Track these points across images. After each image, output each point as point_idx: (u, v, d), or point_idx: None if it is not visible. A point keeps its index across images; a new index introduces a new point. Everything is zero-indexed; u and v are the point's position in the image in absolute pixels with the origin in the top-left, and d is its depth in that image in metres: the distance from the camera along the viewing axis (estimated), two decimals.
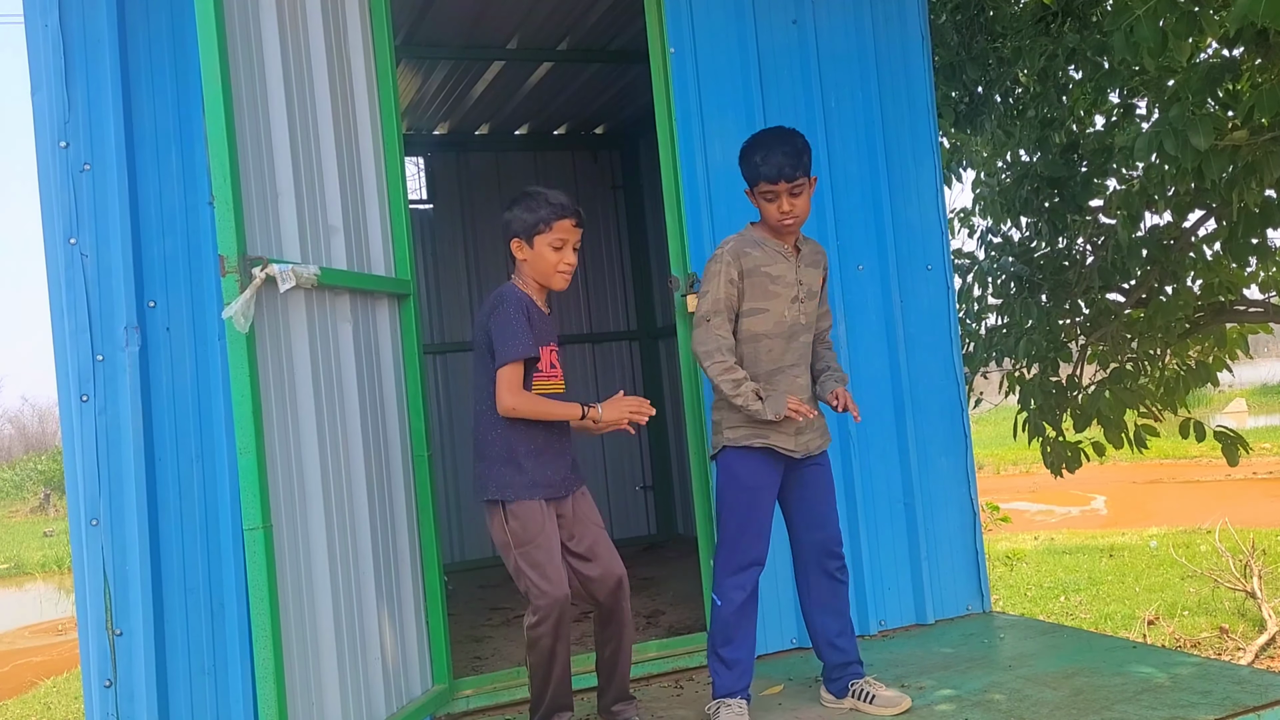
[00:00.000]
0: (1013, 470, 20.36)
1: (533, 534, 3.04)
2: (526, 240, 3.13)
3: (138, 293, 3.29)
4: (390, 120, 3.60)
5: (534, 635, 3.02)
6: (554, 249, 3.13)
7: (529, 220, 3.12)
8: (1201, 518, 12.29)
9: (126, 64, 3.33)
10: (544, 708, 3.15)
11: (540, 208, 3.11)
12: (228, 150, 2.66)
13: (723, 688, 3.28)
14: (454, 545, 6.90)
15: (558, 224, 3.12)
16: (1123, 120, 6.34)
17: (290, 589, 2.79)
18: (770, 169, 3.17)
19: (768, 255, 3.27)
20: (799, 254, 3.32)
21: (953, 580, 4.39)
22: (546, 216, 3.11)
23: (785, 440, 3.25)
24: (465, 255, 7.22)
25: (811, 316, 3.34)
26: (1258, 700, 3.09)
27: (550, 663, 3.06)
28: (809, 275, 3.33)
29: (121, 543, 3.20)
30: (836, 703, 3.37)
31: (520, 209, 3.14)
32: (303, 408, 2.97)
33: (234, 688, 3.32)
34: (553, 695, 3.13)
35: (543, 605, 2.99)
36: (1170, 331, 6.35)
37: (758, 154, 3.20)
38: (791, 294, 3.27)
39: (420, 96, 6.52)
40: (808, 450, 3.31)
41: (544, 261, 3.13)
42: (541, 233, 3.11)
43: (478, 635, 4.77)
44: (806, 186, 3.22)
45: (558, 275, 3.15)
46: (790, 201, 3.19)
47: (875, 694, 3.29)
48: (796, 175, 3.17)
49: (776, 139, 3.22)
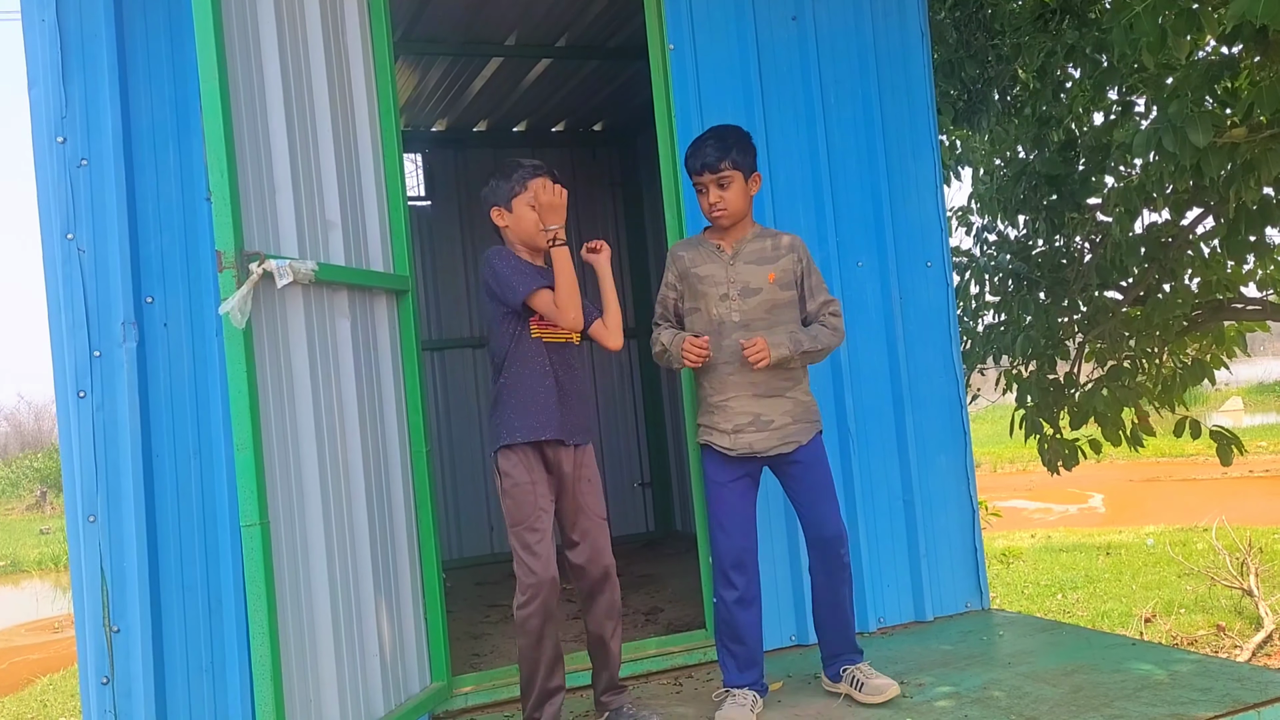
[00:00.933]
0: (1010, 468, 20.38)
1: (524, 514, 3.09)
2: (505, 206, 3.22)
3: (135, 288, 3.28)
4: (388, 116, 3.59)
5: (522, 616, 3.06)
6: (532, 207, 3.19)
7: (505, 186, 3.22)
8: (1198, 516, 12.30)
9: (124, 59, 3.32)
10: (535, 693, 3.15)
11: (514, 171, 3.22)
12: (225, 145, 2.65)
13: (729, 679, 3.34)
14: (452, 542, 6.90)
15: (532, 183, 3.19)
16: (1121, 118, 6.34)
17: (288, 585, 2.79)
18: (694, 161, 3.29)
19: (699, 255, 3.37)
20: (736, 252, 3.33)
21: (952, 577, 4.39)
22: (521, 178, 3.20)
23: (721, 438, 3.31)
24: (463, 252, 7.22)
25: (751, 314, 3.29)
26: (1258, 697, 3.08)
27: (539, 646, 3.08)
28: (748, 273, 3.30)
29: (119, 539, 3.19)
30: (833, 687, 3.44)
31: (495, 178, 3.25)
32: (300, 404, 2.96)
33: (232, 685, 3.31)
34: (543, 679, 3.14)
35: (530, 584, 3.04)
36: (1168, 329, 6.35)
37: (690, 148, 3.33)
38: (720, 292, 3.31)
39: (419, 93, 6.51)
40: (749, 449, 3.29)
41: (525, 222, 3.20)
42: (518, 194, 3.20)
43: (476, 632, 4.76)
44: (736, 179, 3.27)
45: (541, 234, 3.20)
46: (717, 193, 3.27)
47: (865, 681, 3.32)
48: (720, 166, 3.24)
49: (710, 133, 3.34)
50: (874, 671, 3.37)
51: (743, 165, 3.28)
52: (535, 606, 3.04)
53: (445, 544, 6.68)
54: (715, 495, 3.34)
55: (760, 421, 3.28)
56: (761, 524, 3.60)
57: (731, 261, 3.33)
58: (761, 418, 3.28)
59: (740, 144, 3.29)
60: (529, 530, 3.09)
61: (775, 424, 3.30)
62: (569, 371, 3.25)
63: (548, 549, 3.07)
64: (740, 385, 3.29)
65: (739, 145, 3.28)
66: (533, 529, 3.09)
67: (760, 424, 3.28)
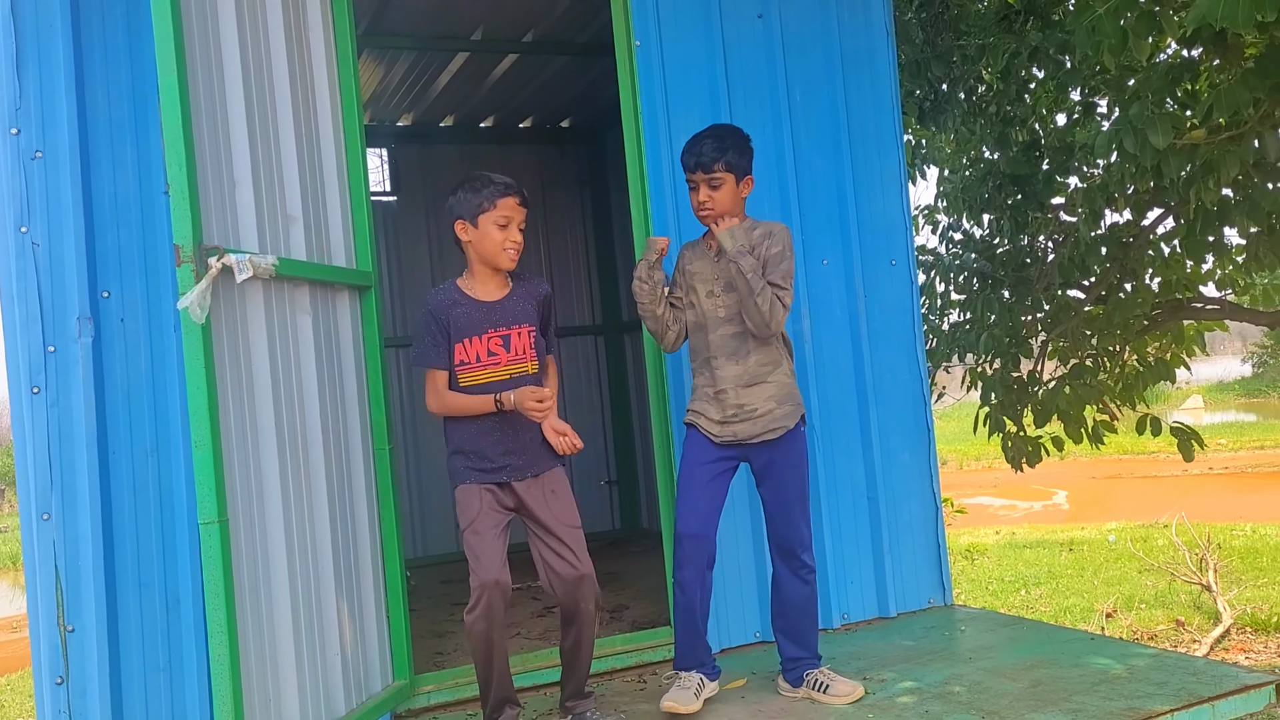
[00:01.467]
0: (975, 465, 20.57)
1: (470, 518, 3.09)
2: (471, 220, 3.16)
3: (91, 283, 3.23)
4: (351, 109, 3.56)
5: (469, 620, 3.04)
6: (499, 227, 3.14)
7: (473, 200, 3.15)
8: (1159, 512, 12.47)
9: (80, 50, 3.27)
10: (491, 700, 3.14)
11: (484, 187, 3.15)
12: (184, 138, 2.61)
13: (678, 662, 3.38)
14: (416, 540, 6.85)
15: (501, 201, 3.14)
16: (1084, 118, 6.41)
17: (247, 584, 2.76)
18: (689, 158, 3.29)
19: (695, 253, 3.43)
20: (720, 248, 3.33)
21: (915, 573, 4.42)
22: (490, 195, 3.14)
23: (710, 425, 3.35)
24: (428, 248, 7.17)
25: (733, 309, 3.31)
26: (1212, 691, 3.13)
27: (488, 649, 3.06)
28: (731, 269, 3.30)
29: (74, 537, 3.14)
30: (792, 691, 3.42)
31: (464, 191, 3.17)
32: (260, 400, 2.93)
33: (189, 685, 3.27)
34: (496, 685, 3.12)
35: (475, 588, 3.02)
36: (1129, 328, 6.42)
37: (686, 146, 3.33)
38: (707, 289, 3.35)
39: (384, 87, 6.46)
40: (734, 437, 3.32)
41: (490, 240, 3.15)
42: (486, 211, 3.14)
43: (439, 631, 4.74)
44: (728, 181, 3.28)
45: (504, 254, 3.16)
46: (707, 193, 3.29)
47: (829, 683, 3.32)
48: (713, 167, 3.25)
49: (708, 131, 3.34)
50: (837, 675, 3.37)
51: (736, 167, 3.29)
52: (479, 610, 3.01)
53: (409, 542, 6.65)
54: (685, 471, 3.36)
55: (745, 411, 3.33)
56: (728, 518, 3.60)
57: (717, 258, 3.36)
58: (746, 407, 3.33)
59: (737, 146, 3.30)
60: (473, 533, 3.08)
61: (759, 411, 3.33)
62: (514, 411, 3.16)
63: (490, 554, 3.04)
64: (728, 378, 3.33)
65: (736, 147, 3.29)
66: (476, 532, 3.07)
67: (745, 414, 3.33)
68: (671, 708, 3.21)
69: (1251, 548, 10.67)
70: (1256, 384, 33.04)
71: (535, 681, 3.74)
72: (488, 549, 3.05)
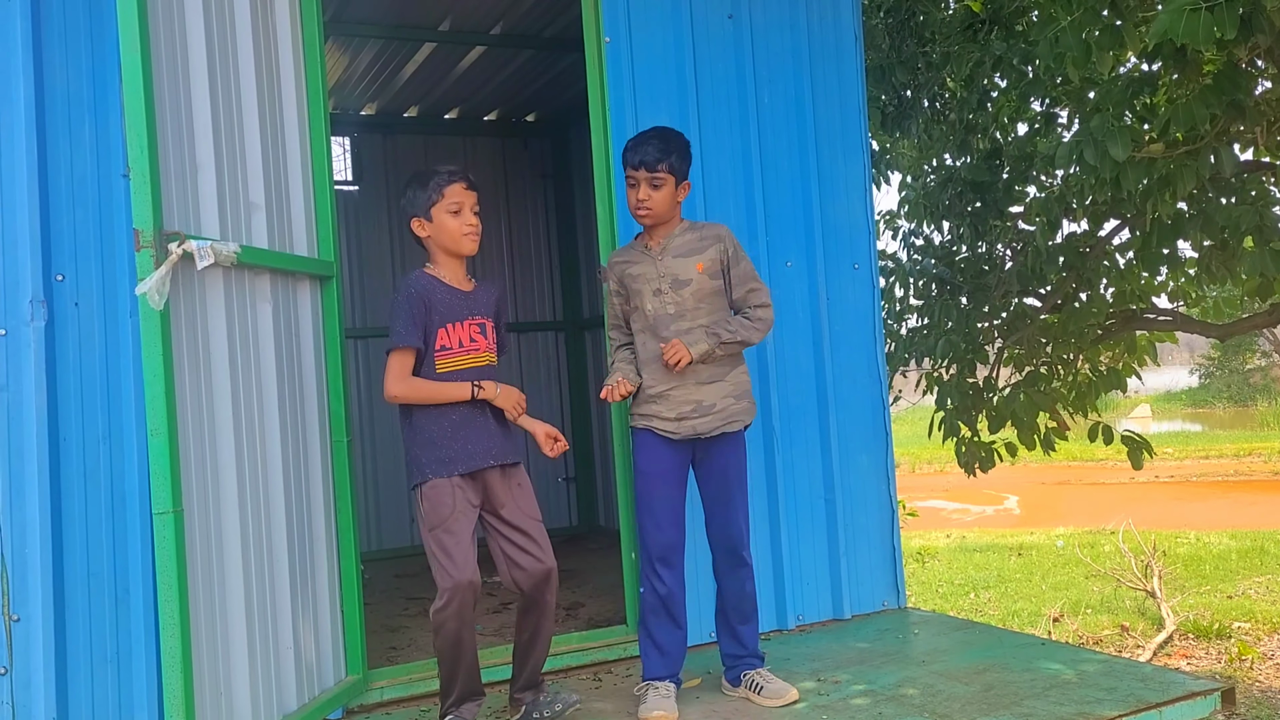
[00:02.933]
0: (928, 469, 20.78)
1: (443, 516, 3.04)
2: (424, 216, 3.15)
3: (44, 265, 3.15)
4: (316, 97, 3.51)
5: (439, 619, 3.01)
6: (452, 214, 3.14)
7: (422, 196, 3.15)
8: (1106, 519, 12.67)
9: (39, 26, 3.19)
10: (454, 695, 3.11)
11: (429, 179, 3.16)
12: (145, 121, 2.57)
13: (650, 671, 3.35)
14: (371, 533, 6.79)
15: (449, 189, 3.14)
16: (1045, 129, 6.48)
17: (200, 576, 2.71)
18: (634, 155, 3.31)
19: (632, 257, 3.43)
20: (664, 248, 3.38)
21: (870, 576, 4.45)
22: (437, 185, 3.14)
23: (665, 424, 3.34)
24: (390, 238, 7.10)
25: (685, 305, 3.33)
26: (1160, 697, 3.18)
27: (457, 648, 3.04)
28: (677, 266, 3.35)
29: (21, 525, 3.07)
30: (731, 691, 3.45)
31: (412, 189, 3.18)
32: (218, 389, 2.88)
33: (138, 677, 3.21)
34: (462, 682, 3.10)
35: (447, 588, 2.98)
36: (1083, 337, 6.52)
37: (630, 142, 3.35)
38: (653, 288, 3.36)
39: (349, 75, 6.38)
40: (694, 432, 3.33)
41: (446, 230, 3.14)
42: (436, 203, 3.14)
43: (393, 625, 4.70)
44: (669, 183, 3.31)
45: (465, 239, 3.16)
46: (647, 191, 3.30)
47: (764, 685, 3.35)
48: (657, 167, 3.28)
49: (654, 132, 3.37)
50: (773, 676, 3.40)
51: (678, 171, 3.33)
52: (452, 610, 2.99)
53: (364, 535, 6.58)
54: (646, 486, 3.34)
55: (702, 407, 3.33)
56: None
57: (660, 257, 3.37)
58: (703, 404, 3.33)
59: (680, 150, 3.34)
60: (446, 533, 3.03)
61: (717, 407, 3.35)
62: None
63: (464, 553, 3.02)
64: (683, 375, 3.32)
65: (679, 151, 3.33)
66: (449, 531, 3.03)
67: (703, 410, 3.33)
68: (662, 717, 3.20)
69: (1195, 555, 10.89)
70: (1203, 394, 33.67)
71: (489, 678, 3.70)
72: (463, 549, 3.01)
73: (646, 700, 3.26)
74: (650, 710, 3.22)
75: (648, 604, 3.36)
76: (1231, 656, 7.33)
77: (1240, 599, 9.02)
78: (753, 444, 4.21)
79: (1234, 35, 3.62)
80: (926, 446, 16.91)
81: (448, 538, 3.02)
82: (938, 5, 6.74)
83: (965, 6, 6.62)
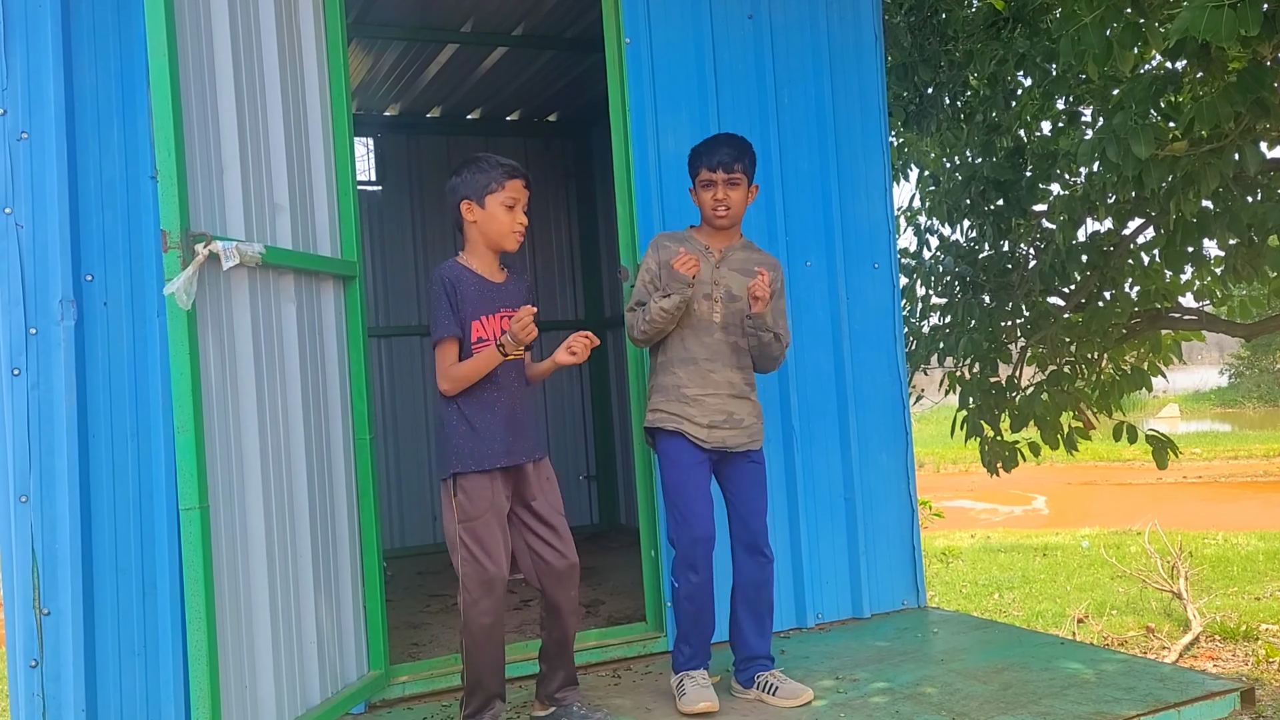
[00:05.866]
0: (952, 469, 20.67)
1: (481, 509, 3.03)
2: (478, 201, 3.13)
3: (74, 266, 3.22)
4: (340, 99, 3.55)
5: (472, 614, 2.99)
6: (507, 208, 3.14)
7: (481, 181, 3.12)
8: (1132, 519, 12.57)
9: (69, 31, 3.25)
10: (478, 695, 3.10)
11: (492, 168, 3.13)
12: (173, 123, 2.61)
13: (683, 664, 3.38)
14: (394, 531, 6.85)
15: (510, 183, 3.14)
16: (1068, 127, 6.45)
17: (226, 571, 2.76)
18: (710, 157, 3.36)
19: (688, 250, 3.38)
20: (723, 257, 3.41)
21: (889, 575, 4.45)
22: (499, 176, 3.12)
23: (696, 430, 3.34)
24: (413, 238, 7.16)
25: (729, 319, 3.37)
26: (1178, 697, 3.17)
27: (486, 644, 3.04)
28: (731, 278, 3.39)
29: (51, 520, 3.13)
30: (743, 693, 3.44)
31: (470, 171, 3.15)
32: (243, 387, 2.93)
33: (165, 670, 3.27)
34: (488, 682, 3.09)
35: (484, 581, 2.99)
36: (1107, 336, 6.48)
37: (704, 146, 3.40)
38: (704, 291, 3.37)
39: (372, 76, 6.44)
40: (722, 444, 3.35)
41: (496, 221, 3.13)
42: (494, 192, 3.12)
43: (415, 622, 4.74)
44: (744, 184, 3.38)
45: (511, 236, 3.16)
46: (725, 191, 3.36)
47: (779, 686, 3.36)
48: (734, 167, 3.34)
49: (725, 136, 3.44)
50: (787, 677, 3.40)
51: (749, 173, 3.40)
52: (485, 605, 2.99)
53: (387, 532, 6.64)
54: (680, 477, 3.34)
55: (733, 420, 3.37)
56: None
57: (718, 265, 3.40)
58: (734, 416, 3.37)
59: (751, 154, 3.42)
60: (484, 527, 3.02)
61: (745, 423, 3.40)
62: (522, 388, 3.19)
63: (499, 547, 3.03)
64: (719, 384, 3.36)
65: (750, 155, 3.41)
66: (487, 525, 3.03)
67: (733, 422, 3.37)
68: (707, 708, 3.23)
69: (1222, 556, 10.79)
70: (1232, 394, 33.31)
71: (510, 674, 3.74)
72: (497, 544, 3.03)
73: (687, 692, 3.29)
74: (694, 702, 3.24)
75: (682, 594, 3.34)
76: (1258, 658, 7.27)
77: (1268, 601, 8.93)
78: (772, 443, 4.23)
79: (1257, 32, 3.59)
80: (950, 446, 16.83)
81: (486, 532, 3.02)
82: (960, 3, 6.72)
83: (988, 4, 6.59)
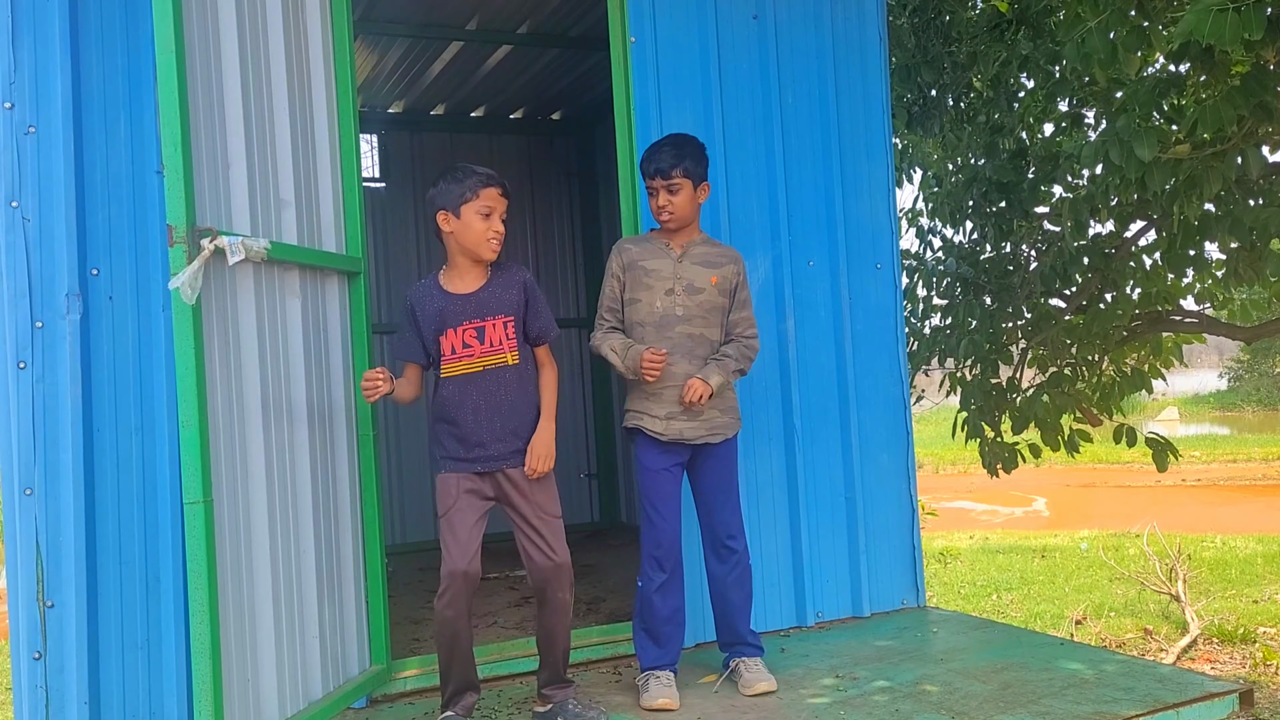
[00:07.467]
0: (952, 470, 20.67)
1: (446, 506, 3.14)
2: (454, 211, 3.16)
3: (80, 260, 3.23)
4: (346, 95, 3.56)
5: (437, 607, 3.08)
6: (482, 216, 3.16)
7: (456, 190, 3.15)
8: (1131, 521, 12.58)
9: (76, 26, 3.26)
10: (451, 686, 3.17)
11: (466, 177, 3.17)
12: (180, 118, 2.62)
13: (648, 662, 3.43)
14: (396, 527, 6.87)
15: (484, 191, 3.16)
16: (1071, 129, 6.46)
17: (229, 564, 2.77)
18: (649, 165, 3.43)
19: (648, 250, 3.49)
20: (685, 252, 3.48)
21: (889, 575, 4.47)
22: (473, 185, 3.15)
23: (655, 424, 3.42)
24: (416, 235, 7.17)
25: (692, 310, 3.43)
26: (1177, 697, 3.18)
27: (452, 637, 3.10)
28: (694, 273, 3.45)
29: (55, 513, 3.15)
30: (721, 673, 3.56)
31: (446, 181, 3.18)
32: (248, 382, 2.94)
33: (168, 663, 3.28)
34: (457, 672, 3.16)
35: (444, 576, 3.06)
36: (1108, 338, 6.48)
37: (646, 153, 3.47)
38: (666, 287, 3.44)
39: (376, 73, 6.45)
40: (680, 436, 3.41)
41: (472, 231, 3.16)
42: (469, 201, 3.15)
43: (417, 617, 4.75)
44: (686, 187, 3.42)
45: (487, 244, 3.18)
46: (666, 198, 3.41)
47: (743, 674, 3.45)
48: (671, 173, 3.38)
49: (668, 140, 3.48)
50: (757, 665, 3.48)
51: (693, 174, 3.42)
52: (447, 598, 3.06)
53: (389, 528, 6.65)
54: (649, 481, 3.44)
55: (690, 412, 3.41)
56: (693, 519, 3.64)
57: (680, 260, 3.46)
58: (692, 408, 3.40)
59: (694, 155, 3.43)
60: (446, 522, 3.13)
61: (703, 416, 3.44)
62: (493, 397, 3.17)
63: (462, 544, 3.08)
64: (677, 376, 3.40)
65: (692, 156, 3.42)
66: (449, 521, 3.12)
67: (691, 414, 3.41)
68: (665, 705, 3.28)
69: (1221, 559, 10.79)
70: (1231, 398, 33.31)
71: (511, 670, 3.76)
72: (460, 538, 3.09)
73: (649, 689, 3.35)
74: (654, 698, 3.30)
75: (644, 595, 3.43)
76: (1256, 661, 7.28)
77: (1266, 604, 8.94)
78: (773, 442, 4.25)
79: (1261, 36, 3.60)
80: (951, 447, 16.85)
81: (447, 527, 3.12)
82: (964, 4, 6.72)
83: (992, 6, 6.60)
